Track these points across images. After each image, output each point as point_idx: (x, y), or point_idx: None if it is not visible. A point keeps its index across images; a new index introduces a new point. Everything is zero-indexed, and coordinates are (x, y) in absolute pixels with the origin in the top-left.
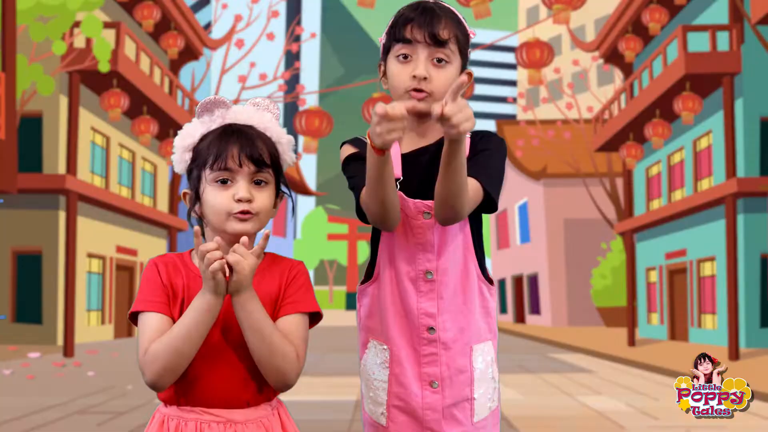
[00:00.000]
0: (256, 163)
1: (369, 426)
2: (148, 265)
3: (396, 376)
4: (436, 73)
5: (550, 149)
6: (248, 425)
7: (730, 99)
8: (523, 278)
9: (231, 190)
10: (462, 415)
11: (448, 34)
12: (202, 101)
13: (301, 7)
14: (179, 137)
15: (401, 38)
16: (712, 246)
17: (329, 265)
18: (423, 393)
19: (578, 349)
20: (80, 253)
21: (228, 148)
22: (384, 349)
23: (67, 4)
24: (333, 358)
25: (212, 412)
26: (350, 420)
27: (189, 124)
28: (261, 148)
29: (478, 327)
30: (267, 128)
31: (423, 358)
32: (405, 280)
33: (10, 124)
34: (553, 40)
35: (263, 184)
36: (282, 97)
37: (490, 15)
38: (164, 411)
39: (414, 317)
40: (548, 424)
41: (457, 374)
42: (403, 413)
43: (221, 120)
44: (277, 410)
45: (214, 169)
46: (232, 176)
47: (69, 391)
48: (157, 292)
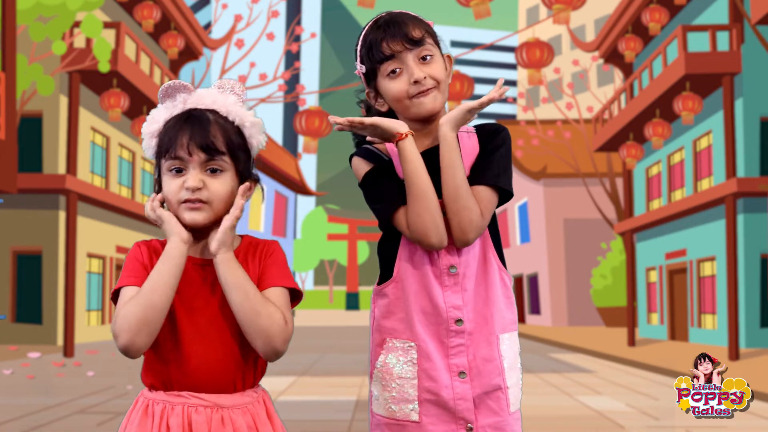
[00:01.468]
0: (207, 151)
1: (388, 427)
2: (132, 246)
3: (426, 371)
4: (428, 69)
5: (550, 149)
6: (234, 410)
7: (730, 99)
8: (523, 278)
9: (182, 178)
10: (496, 405)
11: (420, 32)
12: (163, 85)
13: (301, 7)
14: (146, 123)
15: (384, 57)
16: (712, 246)
17: (329, 265)
18: (453, 384)
19: (578, 349)
20: (80, 253)
21: (179, 137)
22: (410, 347)
23: (67, 4)
24: (333, 358)
25: (199, 396)
26: (350, 420)
27: (155, 109)
28: (214, 135)
29: (503, 316)
30: (230, 112)
31: (451, 350)
32: (429, 276)
33: (10, 124)
34: (553, 40)
35: (218, 171)
36: (282, 97)
37: (490, 15)
38: (149, 395)
39: (442, 311)
40: (548, 424)
41: (485, 363)
42: (435, 406)
43: (182, 106)
44: (262, 398)
45: (167, 158)
46: (185, 165)
47: (69, 391)
48: (137, 269)
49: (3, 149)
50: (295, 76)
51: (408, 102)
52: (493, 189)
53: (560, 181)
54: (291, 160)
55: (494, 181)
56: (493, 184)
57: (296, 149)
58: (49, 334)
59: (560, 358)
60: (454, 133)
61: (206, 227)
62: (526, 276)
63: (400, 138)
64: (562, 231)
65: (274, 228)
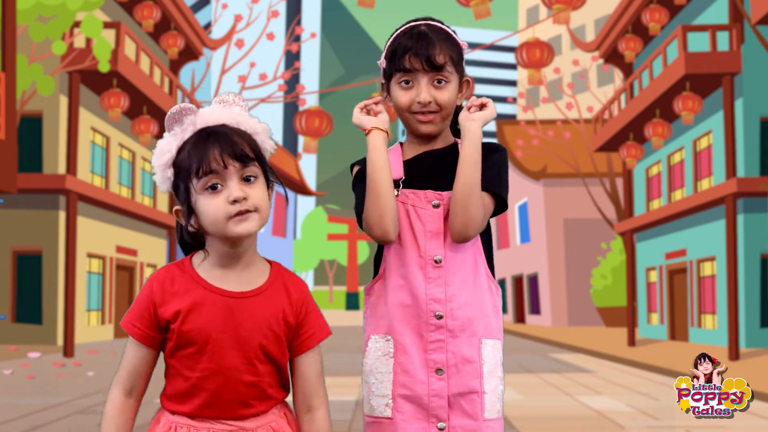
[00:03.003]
0: (241, 160)
1: (370, 426)
2: (148, 280)
3: (401, 365)
4: (438, 93)
5: (550, 149)
6: (258, 431)
7: (730, 99)
8: (523, 278)
9: (223, 193)
10: (470, 408)
11: (444, 58)
12: (168, 113)
13: (301, 7)
14: (155, 156)
15: (401, 68)
16: (712, 246)
17: (329, 265)
18: (429, 380)
19: (578, 349)
20: (80, 253)
21: (208, 152)
22: (387, 340)
23: (67, 4)
24: (333, 358)
25: (224, 422)
26: (350, 420)
27: (161, 140)
28: (241, 143)
29: (488, 322)
30: (239, 123)
31: (430, 344)
32: (413, 267)
33: (10, 124)
34: (553, 40)
35: (253, 179)
36: (282, 97)
37: (490, 15)
38: (171, 418)
39: (422, 303)
40: (548, 424)
41: (464, 363)
42: (408, 402)
43: (192, 127)
44: (283, 411)
45: (200, 177)
46: (221, 179)
47: (69, 391)
48: (144, 316)
49: (3, 149)
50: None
51: (408, 116)
52: (492, 197)
53: (560, 181)
54: (291, 160)
55: (495, 189)
56: (493, 192)
57: (296, 149)
58: (49, 334)
59: (560, 358)
60: (480, 131)
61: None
62: (526, 276)
63: (366, 133)
64: (562, 231)
65: (274, 228)
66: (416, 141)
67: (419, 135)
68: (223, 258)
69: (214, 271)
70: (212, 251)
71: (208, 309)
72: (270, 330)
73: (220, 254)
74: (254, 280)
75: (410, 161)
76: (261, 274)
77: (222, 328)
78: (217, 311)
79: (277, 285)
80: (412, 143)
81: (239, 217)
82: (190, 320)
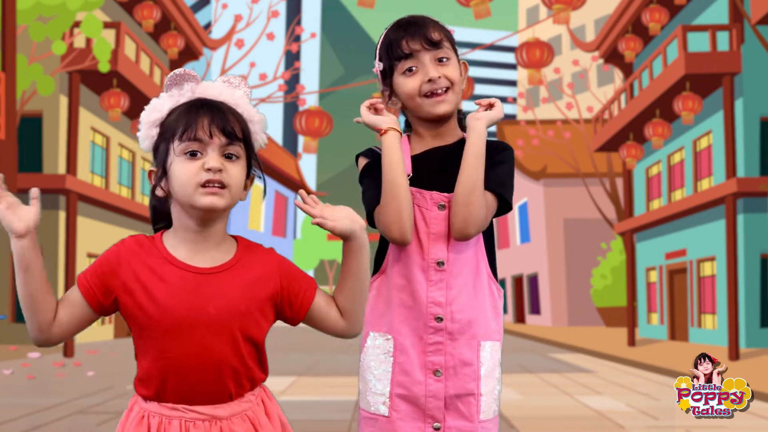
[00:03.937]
0: (228, 135)
1: (365, 421)
2: (116, 243)
3: (400, 365)
4: (444, 69)
5: (550, 149)
6: (233, 420)
7: (730, 99)
8: (523, 278)
9: (200, 161)
10: (466, 410)
11: (440, 35)
12: (170, 74)
13: (301, 7)
14: (146, 111)
15: (402, 55)
16: (712, 246)
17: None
18: (426, 381)
19: (578, 349)
20: (80, 253)
21: (198, 119)
22: (387, 339)
23: (67, 4)
24: (333, 358)
25: (196, 410)
26: (350, 420)
27: (156, 98)
28: (232, 121)
29: (488, 324)
30: (238, 105)
31: (428, 346)
32: (415, 269)
33: (10, 124)
34: (553, 40)
35: (235, 158)
36: (282, 97)
37: (490, 15)
38: (144, 405)
39: (422, 305)
40: (548, 424)
41: (462, 366)
42: (405, 402)
43: (191, 94)
44: (260, 398)
45: (183, 140)
46: (202, 147)
47: (69, 391)
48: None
49: (3, 149)
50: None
51: (420, 100)
52: (495, 196)
53: (560, 181)
54: (291, 160)
55: (498, 189)
56: (496, 192)
57: (296, 149)
58: None
59: (560, 358)
60: (485, 130)
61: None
62: (526, 276)
63: (382, 133)
64: (562, 231)
65: (274, 228)
66: (424, 135)
67: (432, 119)
68: (191, 234)
69: (183, 247)
70: (179, 226)
71: (175, 285)
72: (244, 305)
73: (187, 230)
74: (222, 257)
75: (418, 157)
76: (228, 252)
77: (189, 305)
78: (184, 287)
79: (246, 257)
80: (419, 137)
81: (209, 189)
82: (155, 295)
